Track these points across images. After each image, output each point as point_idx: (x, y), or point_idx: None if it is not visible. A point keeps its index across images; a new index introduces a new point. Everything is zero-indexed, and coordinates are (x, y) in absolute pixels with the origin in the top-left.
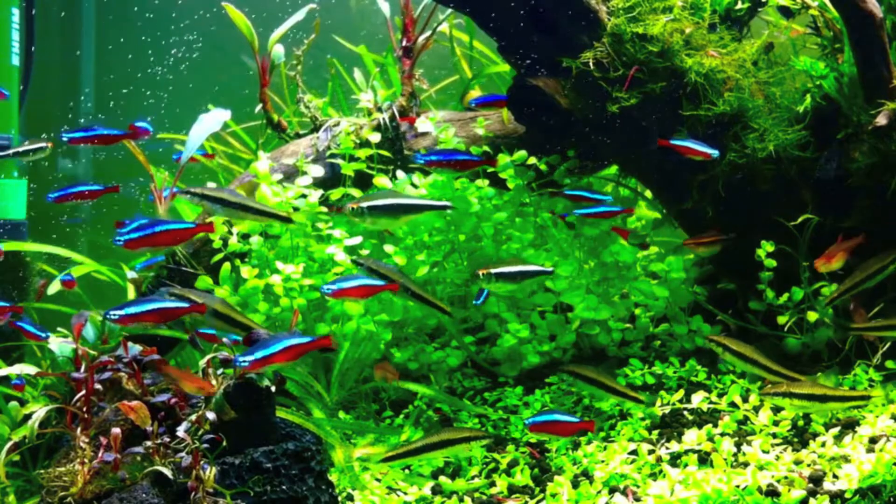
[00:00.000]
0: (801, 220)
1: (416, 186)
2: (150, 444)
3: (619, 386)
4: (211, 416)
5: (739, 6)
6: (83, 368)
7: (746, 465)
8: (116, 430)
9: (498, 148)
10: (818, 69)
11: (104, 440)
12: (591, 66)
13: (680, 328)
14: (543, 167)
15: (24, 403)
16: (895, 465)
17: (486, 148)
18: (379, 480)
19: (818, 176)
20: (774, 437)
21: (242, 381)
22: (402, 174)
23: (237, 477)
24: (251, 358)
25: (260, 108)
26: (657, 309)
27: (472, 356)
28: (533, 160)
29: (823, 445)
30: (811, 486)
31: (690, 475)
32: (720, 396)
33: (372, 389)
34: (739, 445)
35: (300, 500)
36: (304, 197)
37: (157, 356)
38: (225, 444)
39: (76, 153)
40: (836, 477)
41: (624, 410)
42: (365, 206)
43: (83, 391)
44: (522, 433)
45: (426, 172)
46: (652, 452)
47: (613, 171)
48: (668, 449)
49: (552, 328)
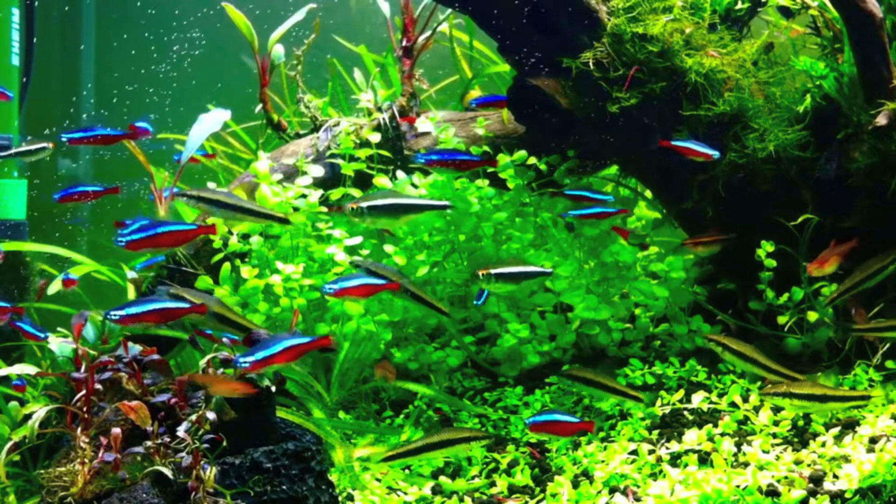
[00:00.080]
0: (801, 220)
1: (416, 186)
2: (150, 444)
3: (618, 385)
4: (211, 416)
5: (739, 6)
6: (83, 368)
7: (746, 465)
8: (116, 430)
9: (498, 148)
10: (818, 69)
11: (104, 440)
12: (591, 66)
13: (680, 328)
14: (543, 167)
15: (24, 403)
16: (895, 465)
17: (486, 148)
18: (379, 480)
19: (818, 176)
20: (774, 437)
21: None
22: (402, 174)
23: (237, 477)
24: (252, 359)
25: (260, 108)
26: (657, 309)
27: (472, 356)
28: (533, 160)
29: (823, 445)
30: (811, 486)
31: (690, 475)
32: (720, 396)
33: (372, 389)
34: (739, 445)
35: (300, 500)
36: (304, 197)
37: (157, 356)
38: (225, 444)
39: (76, 153)
40: (836, 477)
41: (624, 410)
42: (364, 206)
43: (83, 391)
44: (522, 433)
45: (426, 172)
46: (652, 452)
47: (613, 171)
48: (668, 449)
49: (552, 328)
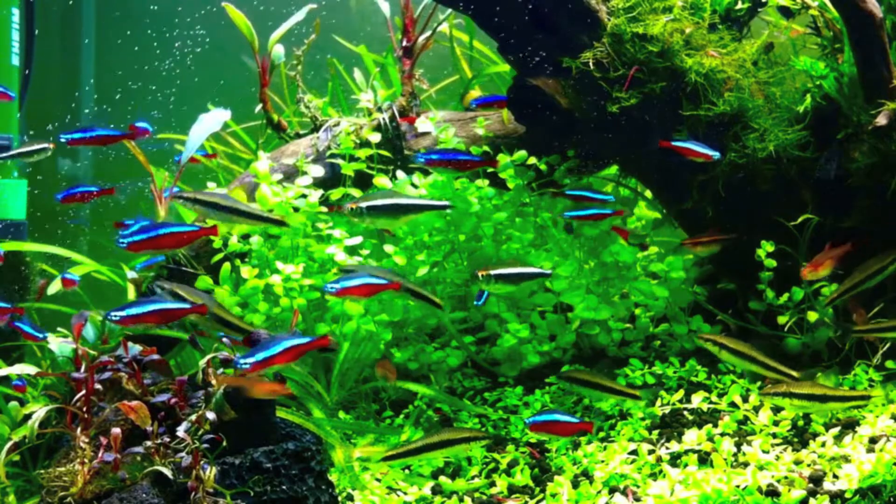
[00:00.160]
0: (801, 220)
1: (416, 186)
2: (150, 444)
3: (615, 385)
4: (211, 416)
5: (739, 6)
6: (83, 368)
7: (746, 465)
8: (116, 430)
9: (498, 148)
10: (818, 69)
11: (104, 440)
12: (591, 66)
13: (680, 328)
14: (543, 167)
15: (24, 403)
16: (895, 465)
17: (486, 148)
18: (379, 480)
19: (818, 176)
20: (774, 437)
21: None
22: (402, 174)
23: (237, 477)
24: (252, 360)
25: (260, 108)
26: (657, 309)
27: (472, 356)
28: (533, 160)
29: (823, 445)
30: (811, 486)
31: (690, 475)
32: (720, 396)
33: (372, 389)
34: (739, 445)
35: (300, 500)
36: (304, 197)
37: (157, 356)
38: (225, 444)
39: (77, 153)
40: (836, 477)
41: (624, 410)
42: (364, 206)
43: (83, 391)
44: (522, 433)
45: (426, 172)
46: (652, 452)
47: (613, 171)
48: (668, 449)
49: (552, 328)
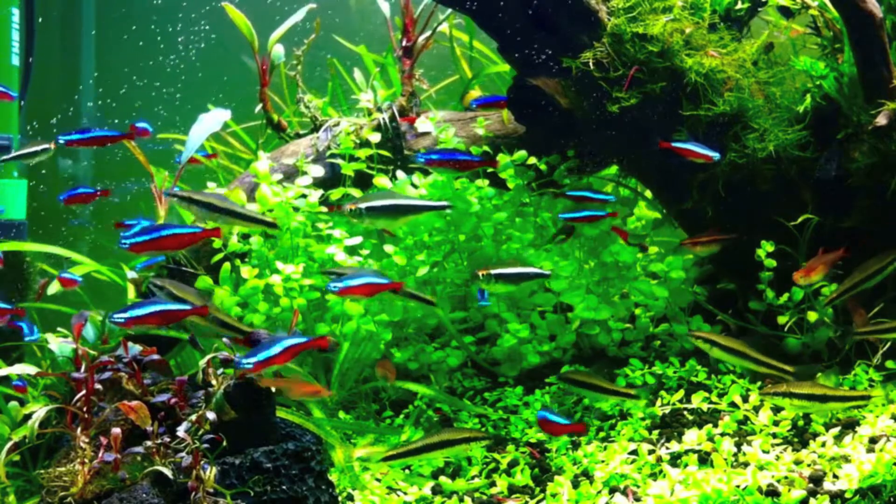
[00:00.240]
0: (801, 220)
1: (416, 186)
2: (150, 444)
3: (611, 386)
4: (211, 416)
5: (739, 6)
6: (83, 368)
7: (746, 465)
8: (116, 430)
9: (498, 148)
10: (818, 69)
11: (104, 440)
12: (591, 66)
13: (680, 328)
14: (543, 167)
15: (24, 403)
16: (895, 465)
17: (486, 148)
18: (379, 480)
19: (818, 176)
20: (774, 437)
21: (242, 381)
22: (402, 174)
23: (237, 477)
24: (254, 360)
25: (260, 108)
26: (657, 309)
27: (472, 356)
28: (533, 160)
29: (823, 445)
30: (811, 486)
31: (690, 475)
32: (720, 396)
33: (372, 389)
34: (739, 445)
35: (300, 500)
36: (304, 197)
37: (157, 356)
38: (225, 444)
39: (77, 153)
40: (836, 477)
41: (624, 410)
42: (363, 206)
43: (83, 391)
44: (522, 433)
45: (426, 172)
46: (652, 452)
47: (613, 171)
48: (668, 449)
49: (552, 328)
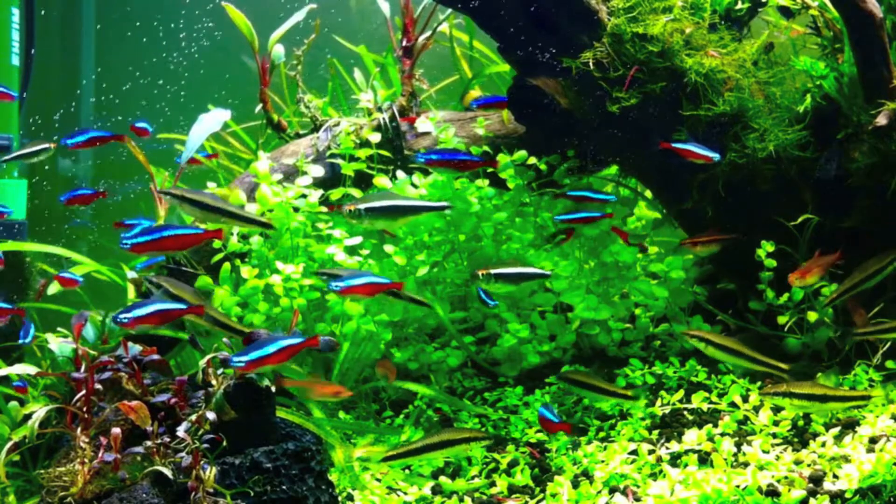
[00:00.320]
0: (801, 220)
1: (416, 186)
2: (150, 444)
3: (609, 386)
4: (211, 416)
5: (739, 6)
6: (83, 368)
7: (746, 465)
8: (116, 430)
9: (498, 148)
10: (818, 69)
11: (104, 440)
12: (591, 66)
13: (680, 328)
14: (543, 167)
15: (23, 403)
16: (895, 465)
17: (486, 148)
18: (379, 480)
19: (818, 176)
20: (774, 437)
21: (242, 381)
22: (402, 174)
23: (237, 477)
24: (246, 358)
25: (260, 108)
26: (657, 309)
27: (472, 356)
28: (533, 160)
29: (823, 445)
30: (811, 486)
31: (690, 475)
32: (720, 396)
33: (372, 389)
34: (739, 445)
35: (300, 500)
36: (304, 197)
37: (157, 356)
38: (225, 444)
39: (77, 153)
40: (836, 477)
41: (624, 410)
42: (362, 207)
43: (83, 391)
44: (522, 433)
45: (426, 172)
46: (652, 452)
47: (613, 171)
48: (668, 449)
49: (552, 328)
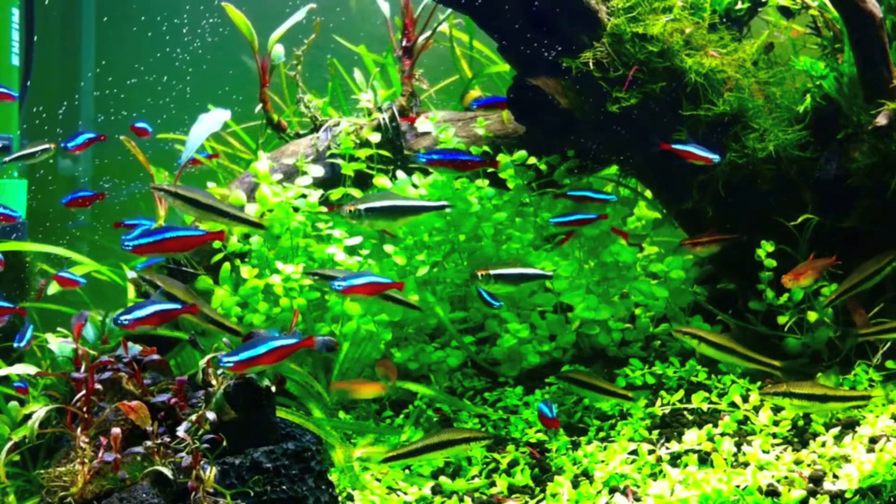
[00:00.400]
0: (801, 220)
1: (416, 186)
2: (150, 444)
3: (608, 386)
4: (211, 416)
5: (739, 6)
6: (83, 368)
7: (746, 465)
8: (116, 430)
9: (498, 148)
10: (818, 69)
11: (104, 440)
12: (591, 66)
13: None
14: (543, 167)
15: (23, 403)
16: (895, 465)
17: (486, 148)
18: (379, 480)
19: (818, 176)
20: (774, 437)
21: (242, 381)
22: (402, 174)
23: (237, 477)
24: (235, 359)
25: (260, 107)
26: (657, 309)
27: (472, 356)
28: (533, 160)
29: (823, 445)
30: (811, 486)
31: (690, 475)
32: (720, 396)
33: None
34: (739, 445)
35: (300, 500)
36: (304, 197)
37: (157, 356)
38: (225, 444)
39: (77, 154)
40: (836, 477)
41: (624, 410)
42: (362, 207)
43: (83, 391)
44: (522, 433)
45: (426, 172)
46: (652, 452)
47: (613, 171)
48: (668, 449)
49: (552, 328)
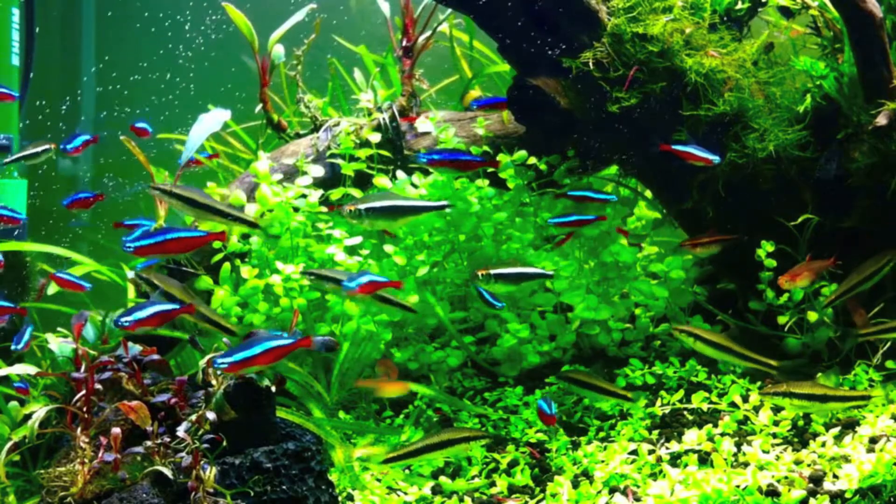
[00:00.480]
0: (801, 220)
1: (416, 186)
2: (150, 444)
3: (607, 386)
4: (211, 416)
5: (739, 6)
6: (83, 368)
7: (746, 465)
8: (116, 430)
9: (498, 148)
10: (818, 69)
11: (104, 440)
12: (591, 66)
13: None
14: (543, 167)
15: (24, 403)
16: (895, 465)
17: (486, 148)
18: (379, 480)
19: (818, 176)
20: (774, 437)
21: (242, 381)
22: (402, 174)
23: (237, 477)
24: (230, 360)
25: (260, 108)
26: (657, 309)
27: (472, 356)
28: (533, 160)
29: (823, 445)
30: (811, 486)
31: (690, 475)
32: (720, 396)
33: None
34: (739, 445)
35: (300, 500)
36: (304, 197)
37: (157, 356)
38: (225, 444)
39: (77, 155)
40: (836, 477)
41: (624, 410)
42: (362, 208)
43: (83, 391)
44: (522, 433)
45: (426, 172)
46: (652, 452)
47: (613, 171)
48: (668, 449)
49: (552, 328)
